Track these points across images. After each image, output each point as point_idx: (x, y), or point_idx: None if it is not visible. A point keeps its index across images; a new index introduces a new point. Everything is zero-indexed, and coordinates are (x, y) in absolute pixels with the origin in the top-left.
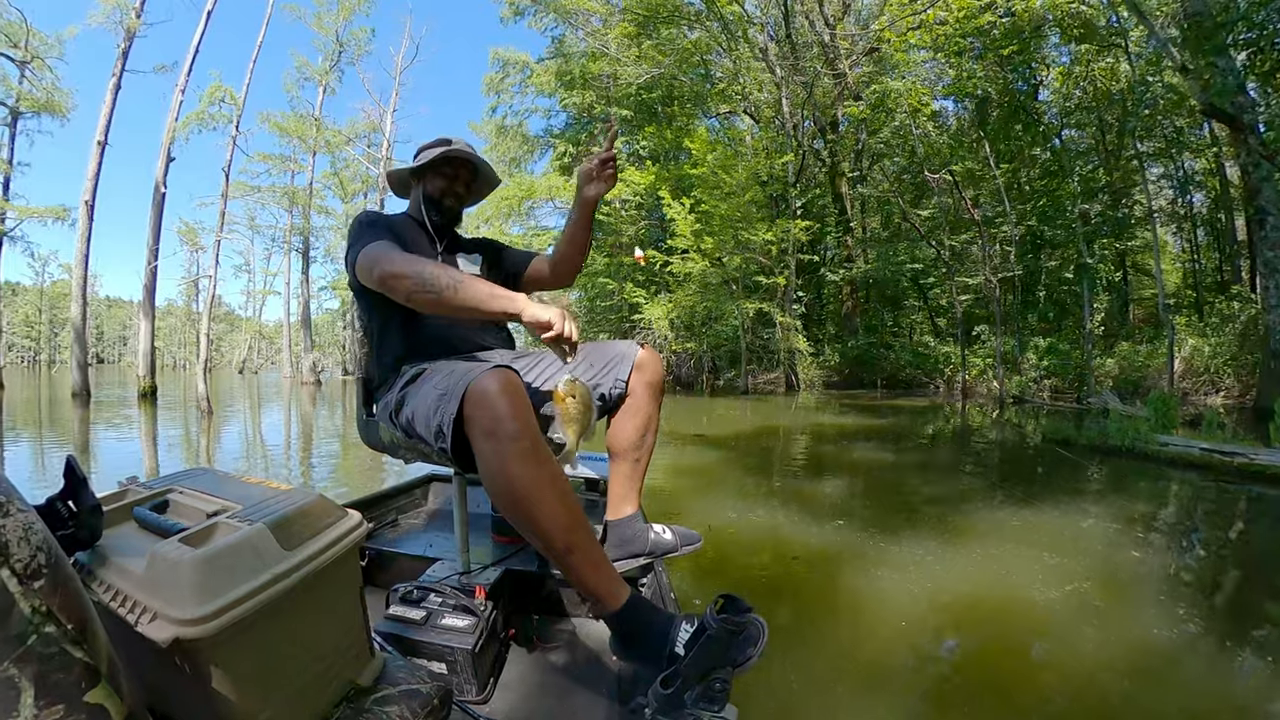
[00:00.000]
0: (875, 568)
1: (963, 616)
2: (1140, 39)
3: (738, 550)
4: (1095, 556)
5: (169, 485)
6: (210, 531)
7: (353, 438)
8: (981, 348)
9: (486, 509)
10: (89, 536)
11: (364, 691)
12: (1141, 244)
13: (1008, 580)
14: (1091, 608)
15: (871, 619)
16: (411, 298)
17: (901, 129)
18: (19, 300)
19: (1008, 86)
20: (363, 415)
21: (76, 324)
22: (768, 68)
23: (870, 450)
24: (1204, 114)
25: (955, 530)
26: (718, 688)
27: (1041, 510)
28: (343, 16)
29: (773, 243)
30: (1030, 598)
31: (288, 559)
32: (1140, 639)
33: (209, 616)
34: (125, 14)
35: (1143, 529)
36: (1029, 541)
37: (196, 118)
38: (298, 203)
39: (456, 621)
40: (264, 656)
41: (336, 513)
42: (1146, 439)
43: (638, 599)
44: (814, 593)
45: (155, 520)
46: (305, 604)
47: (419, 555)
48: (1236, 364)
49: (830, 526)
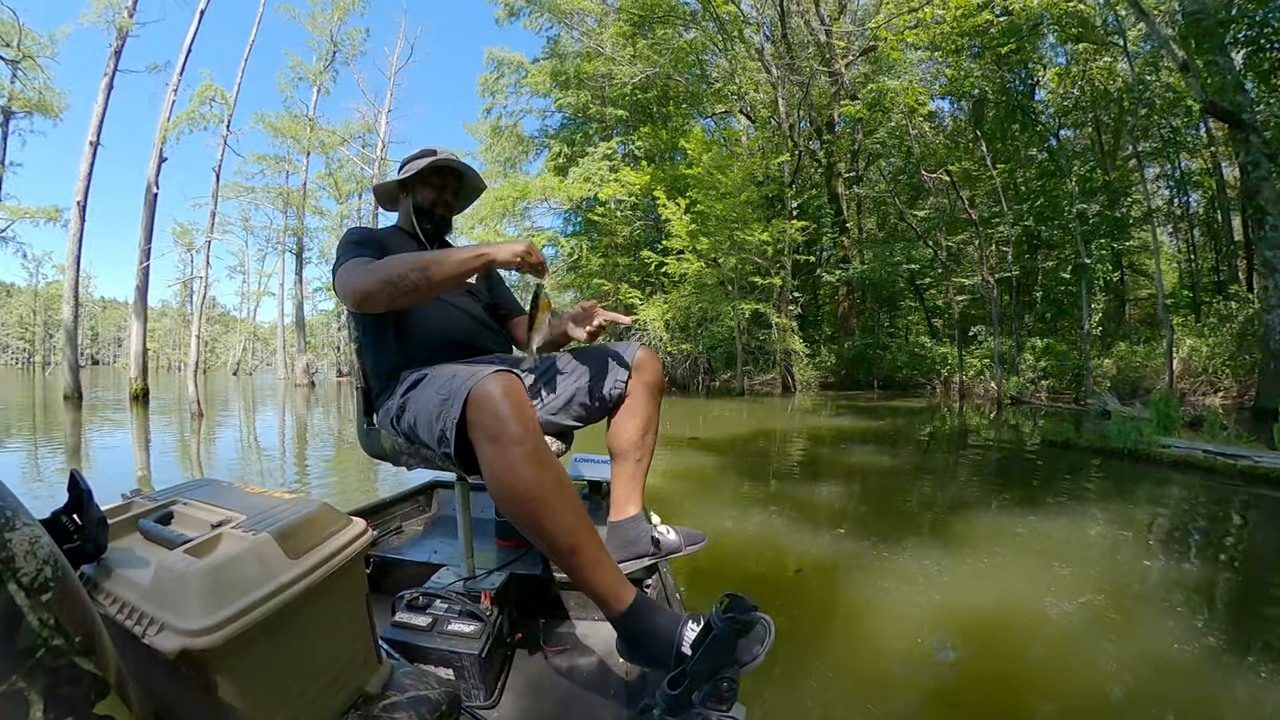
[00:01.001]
0: (880, 578)
1: (973, 629)
2: (1137, 39)
3: (735, 561)
4: (1106, 566)
5: (173, 497)
6: (215, 542)
7: (349, 438)
8: (978, 348)
9: (490, 514)
10: (95, 549)
11: (372, 699)
12: (1138, 244)
13: (1018, 592)
14: (1107, 621)
15: (878, 632)
16: (394, 302)
17: (898, 130)
18: (14, 302)
19: (1005, 86)
20: (363, 424)
21: (68, 325)
22: (763, 68)
23: (868, 453)
24: (1204, 111)
25: (959, 538)
26: (725, 687)
27: (1047, 516)
28: (337, 16)
29: (768, 243)
30: (1042, 611)
31: (293, 568)
32: (1161, 656)
33: (216, 627)
34: (117, 13)
35: (1152, 537)
36: (1036, 550)
37: (187, 117)
38: (292, 204)
39: (463, 627)
40: (272, 666)
41: (340, 521)
42: (1149, 441)
43: (643, 600)
44: (818, 604)
45: (160, 532)
46: (312, 612)
47: (424, 562)
48: (1235, 364)
49: (830, 534)
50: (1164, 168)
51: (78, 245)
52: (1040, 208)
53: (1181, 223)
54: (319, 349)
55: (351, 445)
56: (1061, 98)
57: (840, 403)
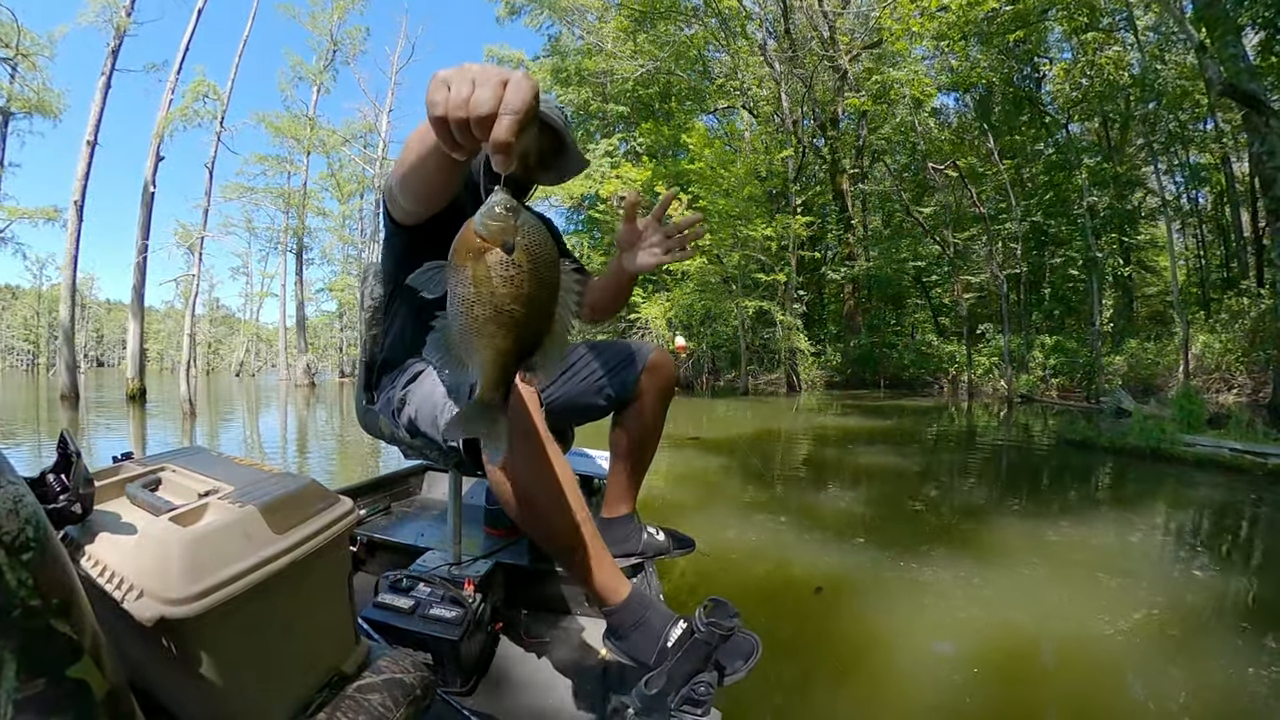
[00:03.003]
0: (911, 596)
1: (1025, 655)
2: (1145, 29)
3: (745, 576)
4: (1157, 577)
5: (163, 463)
6: (201, 511)
7: (346, 439)
8: (985, 346)
9: (480, 501)
10: (80, 511)
11: (347, 678)
12: (1146, 239)
13: (1067, 609)
14: (1171, 641)
15: (917, 660)
16: (410, 187)
17: (903, 125)
18: (18, 304)
19: (1012, 77)
20: (362, 401)
21: (65, 326)
22: (766, 63)
23: (880, 454)
24: (1222, 94)
25: (991, 547)
26: (701, 691)
27: (1080, 521)
28: (337, 15)
29: (772, 239)
30: (1098, 630)
31: (277, 542)
32: (1240, 685)
33: (195, 597)
34: (115, 12)
35: (1197, 542)
36: (1077, 560)
37: (180, 113)
38: (292, 204)
39: (444, 612)
40: (248, 639)
41: (328, 498)
42: (1172, 440)
43: (638, 594)
44: (844, 627)
45: (147, 498)
46: (292, 589)
47: (410, 544)
48: (1249, 360)
49: (848, 545)
50: (1170, 162)
51: (75, 245)
52: (1048, 203)
53: (1190, 218)
54: (321, 350)
55: (343, 446)
56: (1071, 88)
57: (846, 402)
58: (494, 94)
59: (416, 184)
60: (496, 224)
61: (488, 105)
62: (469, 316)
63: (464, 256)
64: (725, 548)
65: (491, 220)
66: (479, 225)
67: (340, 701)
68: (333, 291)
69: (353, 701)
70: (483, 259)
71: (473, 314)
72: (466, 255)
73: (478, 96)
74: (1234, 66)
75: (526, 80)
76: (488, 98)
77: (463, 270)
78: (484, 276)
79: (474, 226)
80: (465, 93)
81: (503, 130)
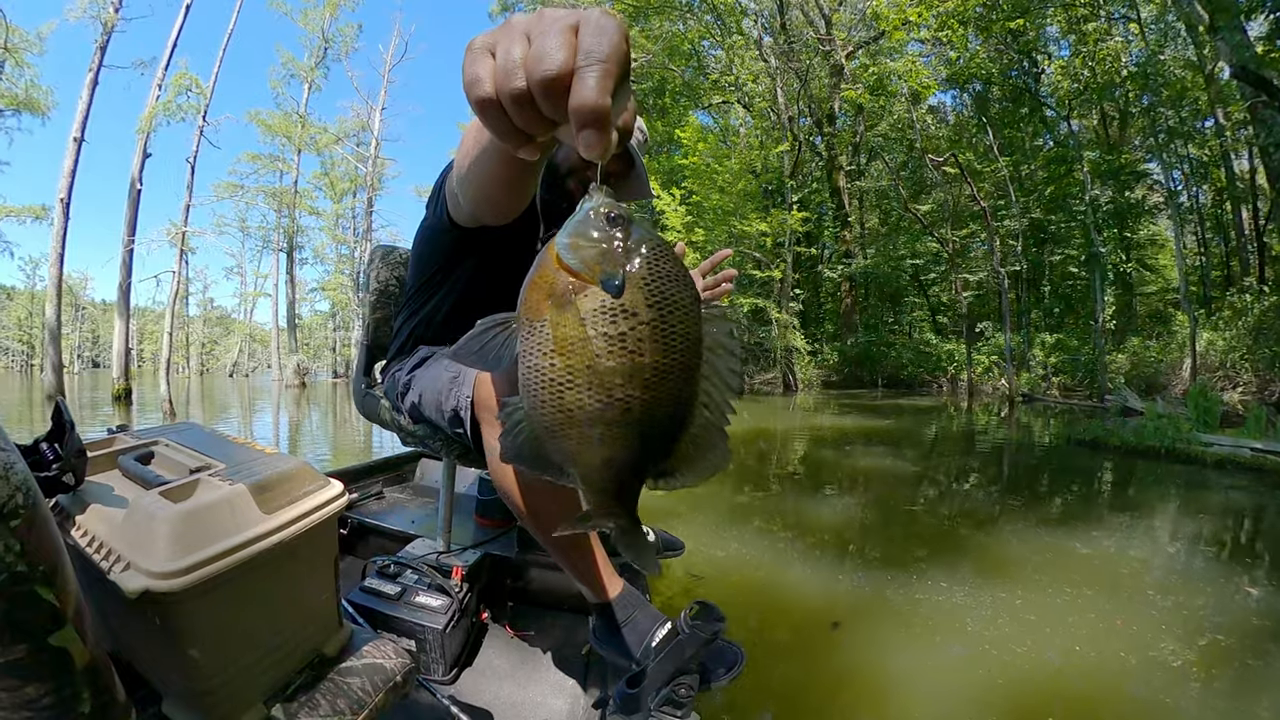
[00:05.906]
0: (945, 626)
1: (1091, 692)
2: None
3: (749, 605)
4: (1210, 594)
5: (157, 437)
6: (192, 487)
7: (340, 441)
8: (985, 344)
9: (473, 490)
10: (71, 481)
11: (328, 661)
12: (1145, 237)
13: (1122, 639)
14: (1248, 670)
15: (965, 706)
16: (469, 190)
17: (900, 121)
18: (12, 305)
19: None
20: (361, 385)
21: (51, 325)
22: (761, 58)
23: (880, 457)
24: (1233, 77)
25: (1018, 564)
26: (683, 694)
27: (1109, 532)
28: (329, 12)
29: (768, 235)
30: (1165, 659)
31: (265, 522)
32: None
33: (181, 572)
34: (103, 8)
35: (1241, 553)
36: (1116, 577)
37: (163, 108)
38: (284, 203)
39: (430, 600)
40: (231, 617)
41: (319, 481)
42: (1189, 439)
43: (629, 593)
44: (868, 668)
45: (139, 471)
46: (278, 569)
47: (400, 530)
48: (1254, 358)
49: (860, 563)
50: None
51: (61, 244)
52: (1048, 199)
53: (1190, 215)
54: (315, 349)
55: (336, 450)
56: (1073, 79)
57: (844, 401)
58: (563, 42)
59: (475, 189)
60: (593, 247)
61: (558, 60)
62: (555, 406)
63: (542, 301)
64: (723, 568)
65: (584, 241)
66: (565, 249)
67: (320, 683)
68: (326, 291)
69: (332, 684)
70: (573, 305)
71: (560, 401)
72: (546, 299)
73: (539, 49)
74: (1242, 53)
75: (607, 18)
76: (555, 48)
77: (540, 325)
78: (576, 337)
79: (556, 250)
80: (518, 52)
81: (589, 90)
